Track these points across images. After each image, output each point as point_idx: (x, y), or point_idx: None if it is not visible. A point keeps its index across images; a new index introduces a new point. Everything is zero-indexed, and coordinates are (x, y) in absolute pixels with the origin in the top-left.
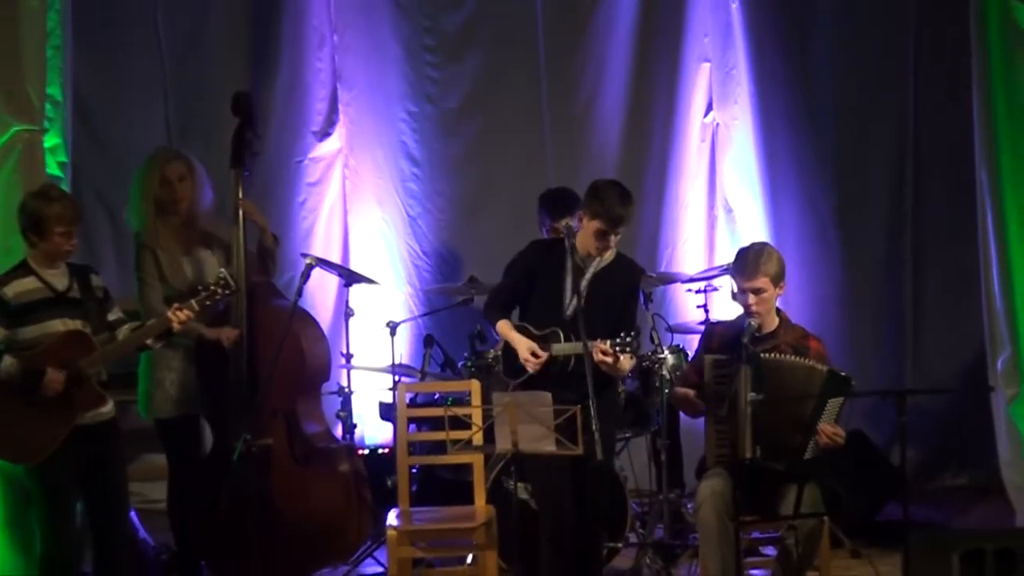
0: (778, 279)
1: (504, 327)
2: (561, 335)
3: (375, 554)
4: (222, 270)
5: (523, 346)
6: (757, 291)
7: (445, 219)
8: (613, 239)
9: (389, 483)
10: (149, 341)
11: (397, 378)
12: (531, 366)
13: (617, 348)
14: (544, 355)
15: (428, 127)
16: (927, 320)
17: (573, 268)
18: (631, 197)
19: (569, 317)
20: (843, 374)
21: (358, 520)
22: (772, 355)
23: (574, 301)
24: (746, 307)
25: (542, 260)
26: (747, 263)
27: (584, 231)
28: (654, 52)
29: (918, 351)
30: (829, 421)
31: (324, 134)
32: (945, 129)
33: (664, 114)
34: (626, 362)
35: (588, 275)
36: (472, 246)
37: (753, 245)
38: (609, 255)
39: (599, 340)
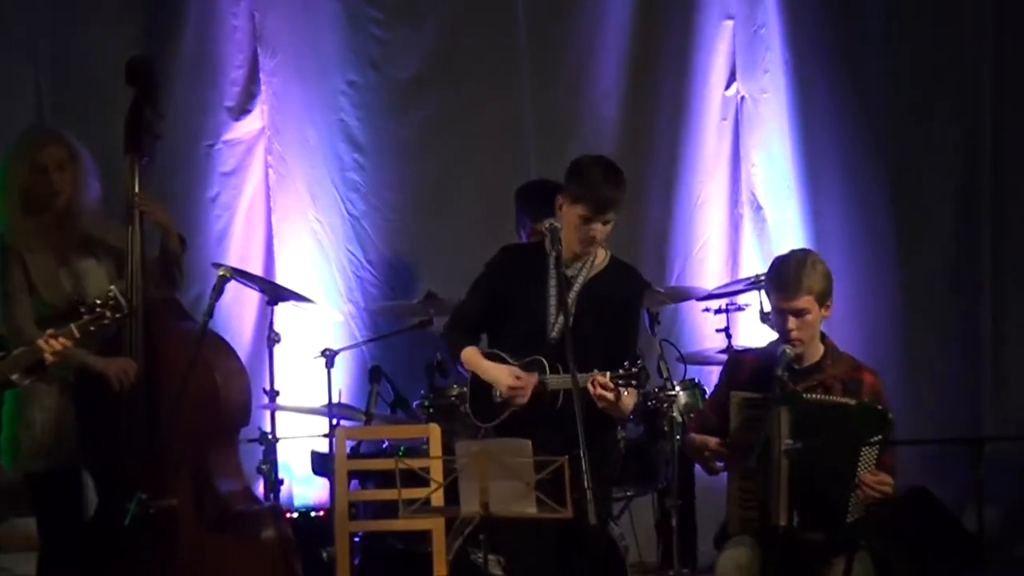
0: (824, 297)
1: (471, 355)
2: (546, 365)
3: None
4: (112, 288)
5: (502, 374)
6: (799, 313)
7: (397, 220)
8: (600, 229)
9: (325, 555)
10: (14, 376)
11: (335, 421)
12: (518, 396)
13: (620, 382)
14: (531, 379)
15: (375, 102)
16: (1010, 346)
17: (558, 278)
18: (623, 176)
19: (554, 341)
20: (878, 408)
21: None
22: (816, 394)
23: (560, 320)
24: (784, 333)
25: (517, 270)
26: (787, 278)
27: (566, 223)
28: (662, 7)
29: (999, 386)
30: (869, 468)
31: (242, 111)
32: None
33: (675, 85)
34: (629, 399)
35: (577, 286)
36: (431, 254)
37: (793, 254)
38: (601, 259)
39: (596, 372)
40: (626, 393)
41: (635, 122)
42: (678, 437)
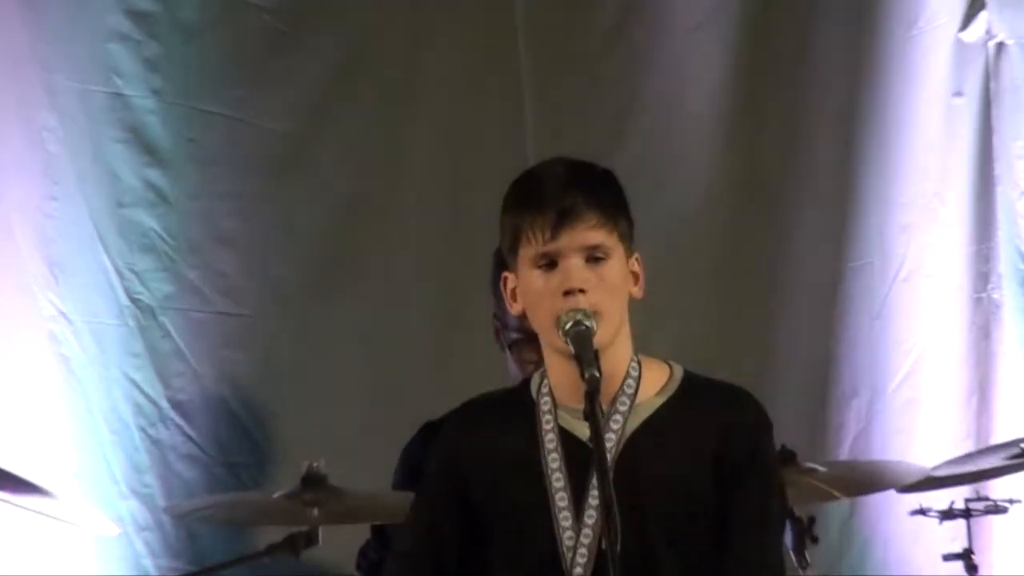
0: None
1: None
2: None
3: None
4: None
5: None
6: None
7: (243, 315)
8: (578, 269)
9: None
10: None
11: None
12: None
13: None
14: None
15: (187, 57)
16: None
17: (564, 444)
18: (597, 171)
19: None
20: None
21: None
22: None
23: (588, 531)
24: None
25: (487, 450)
26: None
27: (530, 311)
28: None
29: None
30: None
31: None
32: None
33: (847, 23)
34: None
35: (612, 450)
36: (310, 381)
37: None
38: (655, 385)
39: None
40: None
41: (754, 107)
42: None
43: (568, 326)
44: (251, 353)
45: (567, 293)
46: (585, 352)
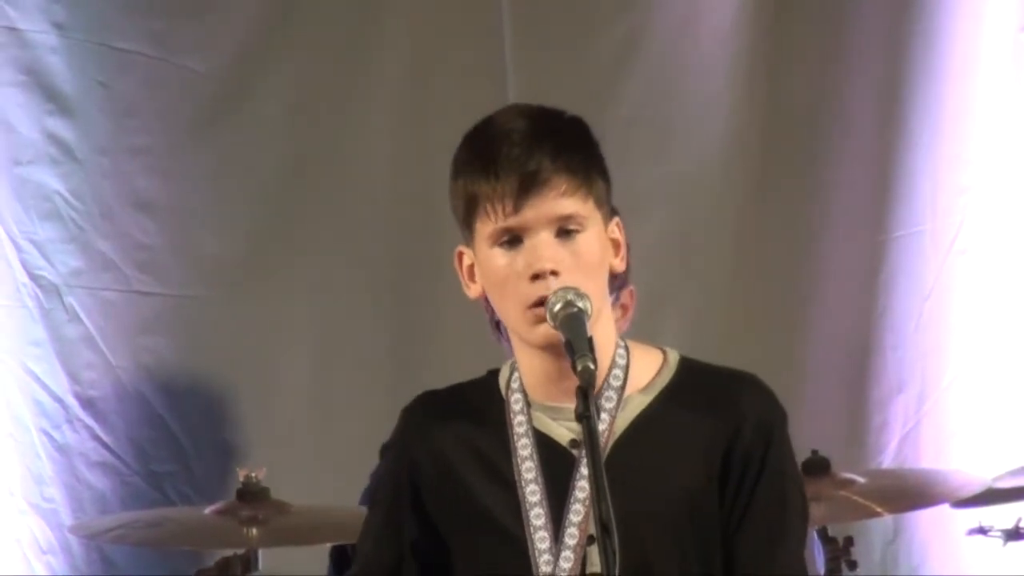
0: None
1: None
2: None
3: None
4: None
5: None
6: None
7: (167, 291)
8: (548, 244)
9: None
10: None
11: None
12: None
13: None
14: None
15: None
16: None
17: (539, 449)
18: (567, 127)
19: None
20: None
21: None
22: None
23: (568, 554)
24: None
25: (441, 450)
26: None
27: (491, 292)
28: None
29: None
30: None
31: None
32: None
33: None
34: None
35: (582, 468)
36: (247, 376)
37: None
38: (644, 375)
39: None
40: None
41: (779, 35)
42: None
43: (557, 308)
44: (176, 341)
45: (536, 277)
46: (578, 339)
